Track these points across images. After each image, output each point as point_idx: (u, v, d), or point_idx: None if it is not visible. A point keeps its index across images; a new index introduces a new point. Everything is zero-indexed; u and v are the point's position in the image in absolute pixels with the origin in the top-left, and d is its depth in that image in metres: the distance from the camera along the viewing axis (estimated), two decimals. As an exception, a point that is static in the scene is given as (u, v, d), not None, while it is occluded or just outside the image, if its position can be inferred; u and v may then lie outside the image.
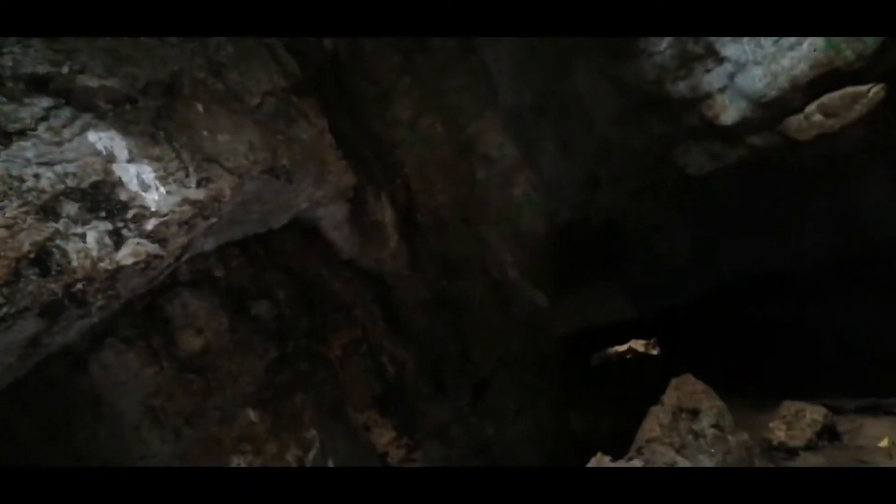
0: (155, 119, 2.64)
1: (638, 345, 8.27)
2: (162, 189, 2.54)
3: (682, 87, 4.09)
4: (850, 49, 3.59)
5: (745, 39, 3.87)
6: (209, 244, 3.28)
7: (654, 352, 8.12)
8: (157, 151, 2.57)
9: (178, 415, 3.21)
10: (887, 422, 4.08)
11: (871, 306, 5.52)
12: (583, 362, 7.81)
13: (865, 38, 3.59)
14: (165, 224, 2.52)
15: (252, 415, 3.41)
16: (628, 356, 8.18)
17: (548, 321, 5.13)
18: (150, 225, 2.48)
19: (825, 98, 3.76)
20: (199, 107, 2.84)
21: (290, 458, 3.42)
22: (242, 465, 3.28)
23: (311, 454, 3.51)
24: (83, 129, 2.38)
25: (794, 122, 3.89)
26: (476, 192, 4.69)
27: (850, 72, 3.66)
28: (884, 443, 3.80)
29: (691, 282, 6.08)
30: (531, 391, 4.68)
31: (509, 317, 4.71)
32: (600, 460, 2.99)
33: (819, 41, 3.68)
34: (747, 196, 5.09)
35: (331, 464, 3.54)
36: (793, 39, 3.73)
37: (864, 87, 3.68)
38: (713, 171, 4.35)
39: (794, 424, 4.16)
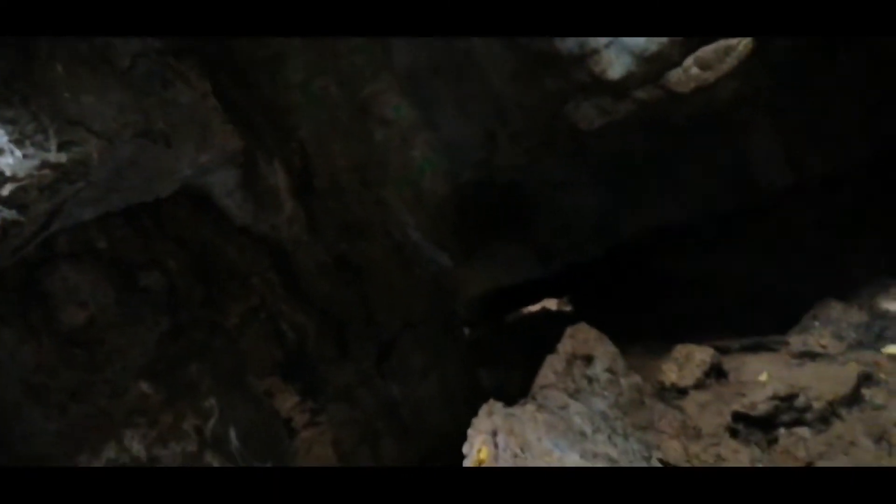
0: (7, 80, 2.51)
1: (551, 303, 8.49)
2: (18, 152, 2.43)
3: (570, 44, 4.16)
4: (720, 2, 3.75)
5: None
6: (87, 213, 3.16)
7: (567, 308, 8.36)
8: (10, 114, 2.45)
9: (62, 391, 3.11)
10: (767, 357, 4.36)
11: (757, 253, 5.86)
12: (496, 322, 7.96)
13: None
14: (23, 189, 2.41)
15: (145, 386, 3.34)
16: (541, 315, 8.39)
17: (454, 282, 5.20)
18: (5, 190, 2.37)
19: (700, 51, 3.91)
20: (59, 67, 2.71)
21: (188, 427, 3.37)
22: (135, 437, 3.21)
23: (211, 422, 3.47)
24: (-78, 91, 2.24)
25: (674, 75, 4.03)
26: (374, 155, 4.67)
27: (723, 24, 3.82)
28: (763, 376, 4.06)
29: (596, 237, 6.23)
30: (438, 351, 4.75)
31: (413, 279, 4.74)
32: (491, 406, 3.08)
33: (694, -5, 3.82)
34: (641, 151, 5.25)
35: (232, 431, 3.50)
36: (670, -6, 3.85)
37: (734, 41, 3.84)
38: (604, 125, 4.46)
39: (685, 365, 4.38)
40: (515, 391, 4.28)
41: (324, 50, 4.54)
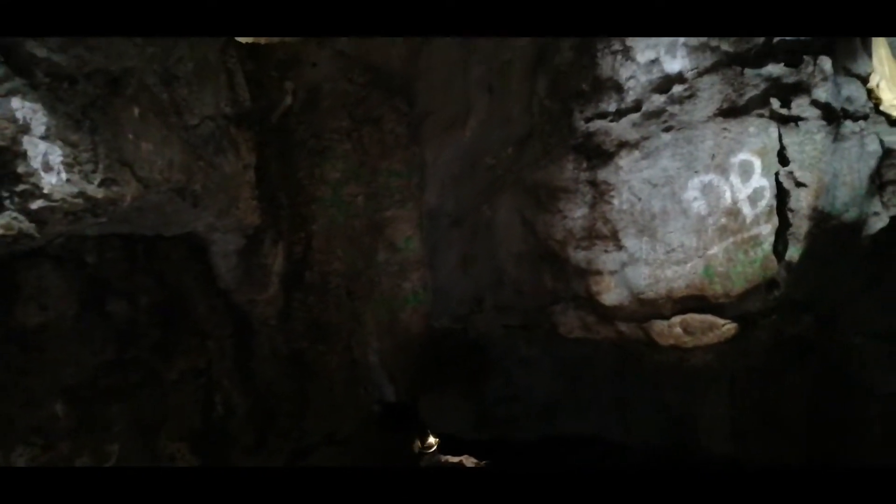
0: (87, 106, 2.66)
1: (469, 463, 8.38)
2: (64, 175, 2.55)
3: (580, 256, 4.44)
4: (720, 284, 4.06)
5: (646, 238, 4.26)
6: (91, 230, 3.26)
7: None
8: (74, 137, 2.59)
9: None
10: None
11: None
12: (412, 458, 7.86)
13: (735, 278, 4.07)
14: (51, 209, 2.52)
15: (59, 408, 3.30)
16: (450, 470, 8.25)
17: (392, 412, 5.24)
18: (35, 204, 2.47)
19: (689, 316, 4.18)
20: (136, 110, 2.89)
21: (79, 465, 3.30)
22: (24, 456, 3.13)
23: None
24: (9, 93, 2.38)
25: (659, 325, 4.29)
26: (370, 272, 4.84)
27: (716, 304, 4.11)
28: None
29: (536, 420, 6.33)
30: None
31: (354, 398, 4.79)
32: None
33: (701, 266, 4.13)
34: (604, 371, 5.46)
35: (118, 483, 3.43)
36: (681, 255, 4.15)
37: (721, 321, 4.13)
38: (581, 339, 4.69)
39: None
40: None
41: (367, 163, 4.81)
